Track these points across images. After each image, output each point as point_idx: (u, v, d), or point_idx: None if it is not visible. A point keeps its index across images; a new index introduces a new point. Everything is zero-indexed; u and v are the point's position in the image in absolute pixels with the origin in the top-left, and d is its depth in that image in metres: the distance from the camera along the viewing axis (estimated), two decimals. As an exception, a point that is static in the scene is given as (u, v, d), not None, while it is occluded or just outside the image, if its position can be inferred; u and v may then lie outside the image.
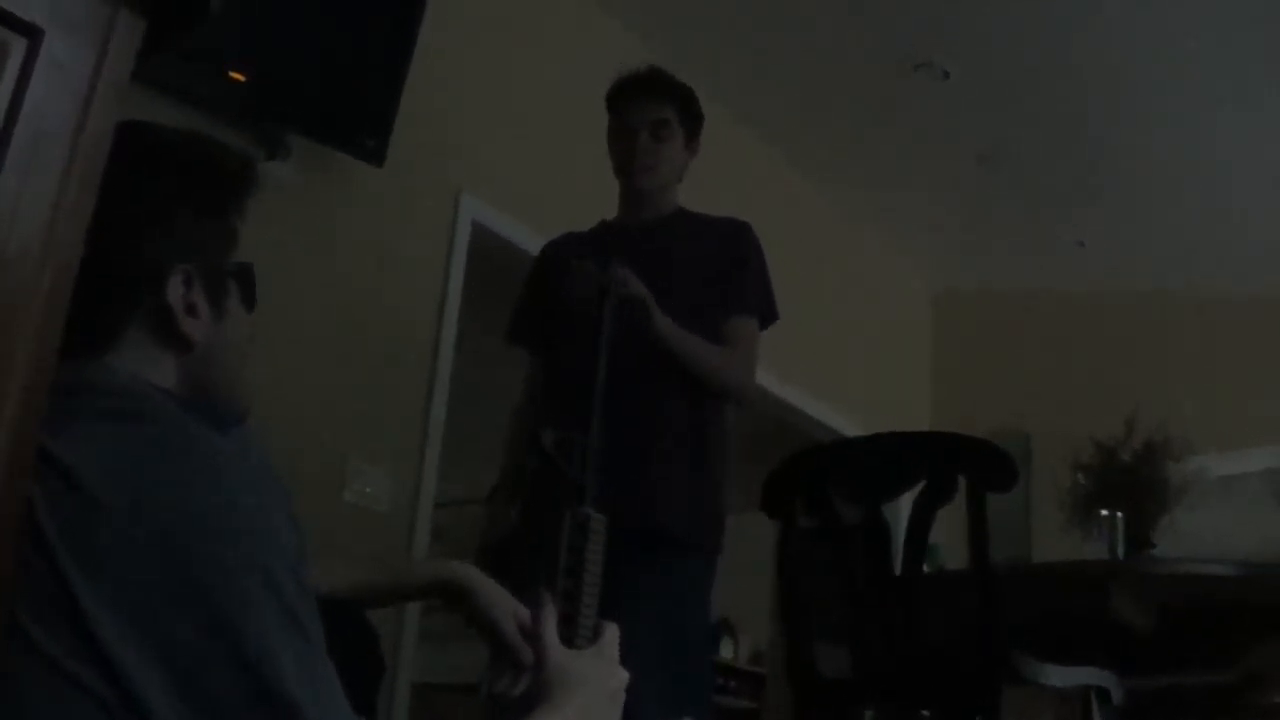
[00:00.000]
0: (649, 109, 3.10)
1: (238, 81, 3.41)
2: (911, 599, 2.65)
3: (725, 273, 3.05)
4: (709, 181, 3.31)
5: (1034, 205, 5.99)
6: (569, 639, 1.35)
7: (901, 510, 2.92)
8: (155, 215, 1.28)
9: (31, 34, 1.00)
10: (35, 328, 0.99)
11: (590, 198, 3.26)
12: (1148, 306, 6.30)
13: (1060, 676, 2.66)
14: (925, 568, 2.79)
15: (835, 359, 6.10)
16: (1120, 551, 3.47)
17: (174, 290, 1.26)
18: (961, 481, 2.58)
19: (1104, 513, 3.51)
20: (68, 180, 1.01)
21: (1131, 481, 3.63)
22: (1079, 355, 6.43)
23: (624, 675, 1.34)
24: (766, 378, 5.39)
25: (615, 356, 1.98)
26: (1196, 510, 3.76)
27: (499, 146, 4.44)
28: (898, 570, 2.70)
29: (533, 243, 4.26)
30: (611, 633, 1.35)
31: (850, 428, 5.84)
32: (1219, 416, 5.54)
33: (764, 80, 5.33)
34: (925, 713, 3.02)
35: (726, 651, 7.88)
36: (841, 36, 4.97)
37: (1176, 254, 5.96)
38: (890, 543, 2.73)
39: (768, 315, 3.12)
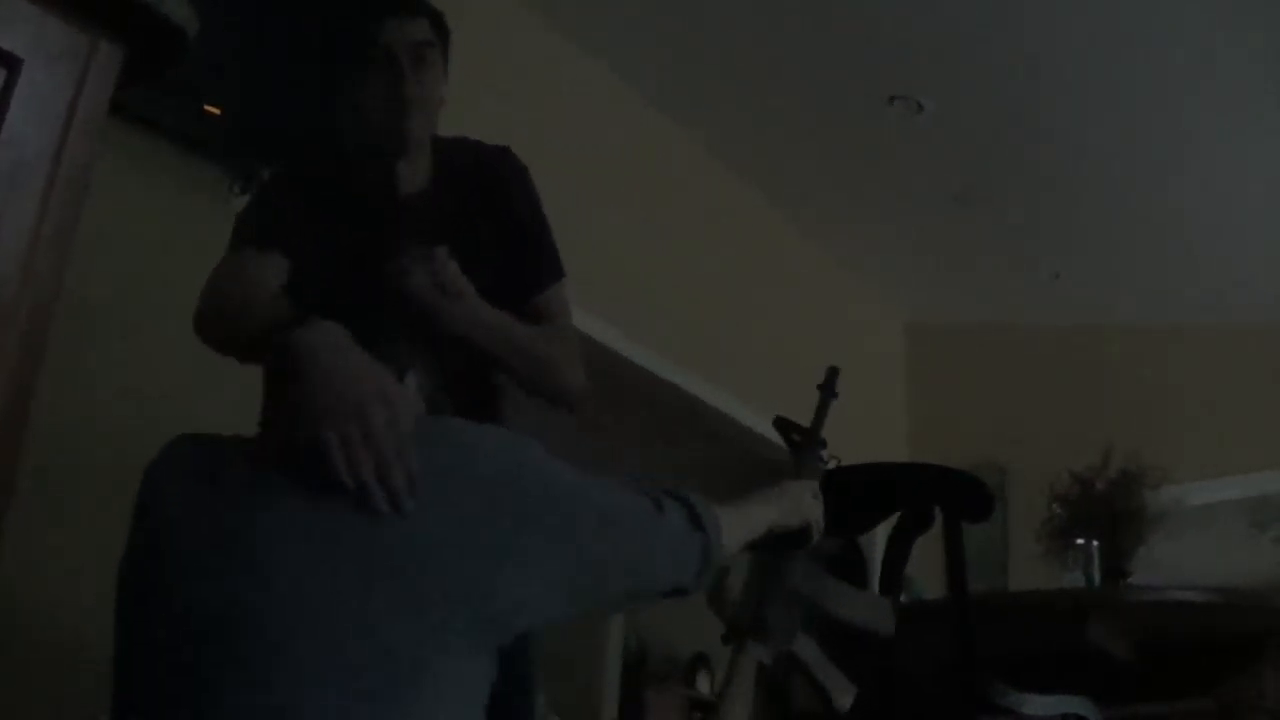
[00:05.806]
0: (408, 27, 2.27)
1: (213, 115, 3.40)
2: (889, 630, 2.64)
3: (507, 230, 2.30)
4: (685, 215, 3.31)
5: (1009, 237, 6.01)
6: None
7: (878, 542, 2.92)
8: None
9: (11, 64, 1.00)
10: (14, 351, 0.99)
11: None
12: (1123, 338, 6.32)
13: (1039, 706, 2.65)
14: (902, 598, 2.79)
15: (810, 392, 6.09)
16: (1097, 581, 3.49)
17: None
18: (938, 512, 2.59)
19: (1080, 542, 3.52)
20: (46, 207, 1.02)
21: (1108, 511, 3.64)
22: (1055, 387, 6.45)
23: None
24: (742, 411, 5.41)
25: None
26: (1173, 539, 3.78)
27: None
28: (875, 601, 2.70)
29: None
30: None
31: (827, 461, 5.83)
32: (1195, 446, 5.56)
33: (740, 113, 5.35)
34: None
35: (703, 685, 7.84)
36: (817, 69, 4.99)
37: (1152, 285, 6.00)
38: (867, 574, 2.73)
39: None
